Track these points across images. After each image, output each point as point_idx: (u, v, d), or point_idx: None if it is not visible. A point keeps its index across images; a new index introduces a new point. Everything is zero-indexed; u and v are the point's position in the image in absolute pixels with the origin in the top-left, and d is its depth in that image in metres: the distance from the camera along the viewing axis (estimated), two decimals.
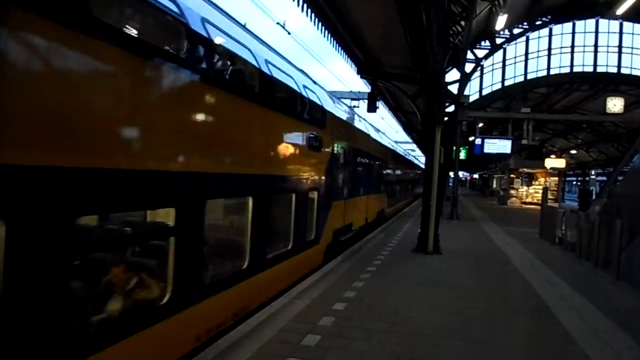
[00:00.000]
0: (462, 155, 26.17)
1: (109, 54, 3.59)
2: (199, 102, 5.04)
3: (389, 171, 21.43)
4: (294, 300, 6.66)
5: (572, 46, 30.66)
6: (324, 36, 11.02)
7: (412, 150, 51.37)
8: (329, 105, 10.55)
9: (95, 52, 3.46)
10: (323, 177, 9.63)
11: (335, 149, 10.52)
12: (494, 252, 12.37)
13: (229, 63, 6.09)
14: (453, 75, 19.51)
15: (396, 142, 35.00)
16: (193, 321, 4.85)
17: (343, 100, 18.35)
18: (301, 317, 5.92)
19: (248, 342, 4.96)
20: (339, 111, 11.91)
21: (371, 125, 18.52)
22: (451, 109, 19.59)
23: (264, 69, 6.77)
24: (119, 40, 3.73)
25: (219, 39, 5.50)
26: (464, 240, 14.43)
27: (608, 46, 30.21)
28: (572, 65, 30.67)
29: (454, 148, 22.29)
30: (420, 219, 12.06)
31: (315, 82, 10.27)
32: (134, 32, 4.31)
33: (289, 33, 14.49)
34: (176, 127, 4.60)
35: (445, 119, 16.20)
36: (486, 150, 27.09)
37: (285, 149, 7.58)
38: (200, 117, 5.07)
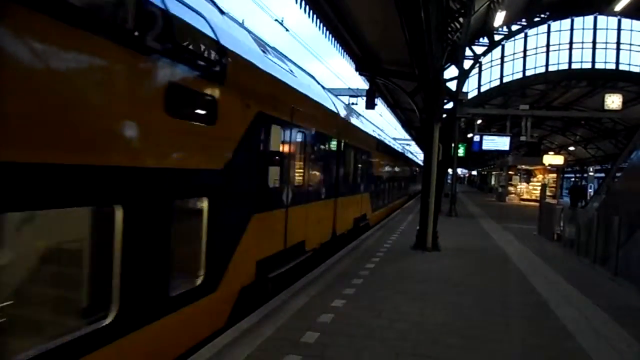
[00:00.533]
0: (461, 152, 26.18)
1: None
2: None
3: (375, 166, 17.55)
4: (293, 298, 6.66)
5: (570, 43, 30.65)
6: (322, 33, 11.01)
7: (408, 144, 50.88)
8: (240, 47, 6.03)
9: None
10: (223, 171, 5.44)
11: (258, 124, 6.32)
12: (493, 248, 12.38)
13: None
14: (451, 72, 19.55)
15: (395, 139, 34.92)
16: None
17: (341, 97, 18.11)
18: (300, 314, 5.92)
19: (247, 339, 4.95)
20: (274, 67, 7.30)
21: (346, 105, 15.01)
22: (450, 105, 19.61)
23: None
24: None
25: None
26: (463, 237, 14.43)
27: (606, 43, 30.20)
28: (570, 62, 30.67)
29: (453, 145, 22.30)
30: (418, 215, 12.06)
31: (222, 12, 6.25)
32: None
33: (287, 30, 14.45)
34: None
35: (444, 115, 16.24)
36: (485, 147, 27.06)
37: (86, 105, 3.46)
38: None
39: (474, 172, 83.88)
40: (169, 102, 4.31)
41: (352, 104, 22.98)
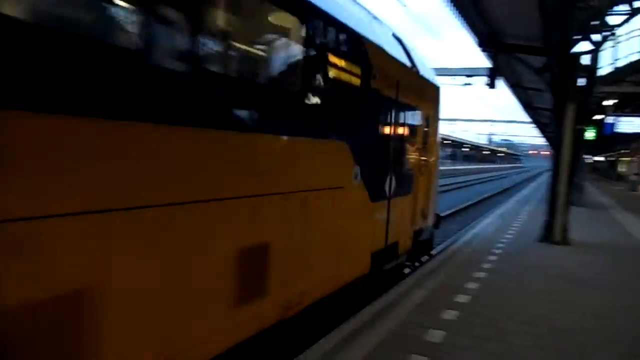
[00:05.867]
0: (592, 135, 23.59)
1: None
2: None
3: None
4: (413, 290, 6.30)
5: None
6: (446, 4, 10.26)
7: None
8: None
9: None
10: None
11: None
12: (634, 244, 10.95)
13: None
14: (584, 45, 17.52)
15: (510, 121, 32.46)
16: None
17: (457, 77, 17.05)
18: (422, 309, 5.55)
19: (365, 335, 4.68)
20: None
21: None
22: (582, 82, 17.65)
23: None
24: None
25: None
26: (594, 230, 12.97)
27: None
28: None
29: (583, 127, 20.12)
30: (536, 206, 11.02)
31: None
32: None
33: (404, 5, 13.80)
34: None
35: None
36: (619, 129, 24.26)
37: None
38: None
39: (597, 158, 76.12)
40: None
41: (467, 84, 21.69)
